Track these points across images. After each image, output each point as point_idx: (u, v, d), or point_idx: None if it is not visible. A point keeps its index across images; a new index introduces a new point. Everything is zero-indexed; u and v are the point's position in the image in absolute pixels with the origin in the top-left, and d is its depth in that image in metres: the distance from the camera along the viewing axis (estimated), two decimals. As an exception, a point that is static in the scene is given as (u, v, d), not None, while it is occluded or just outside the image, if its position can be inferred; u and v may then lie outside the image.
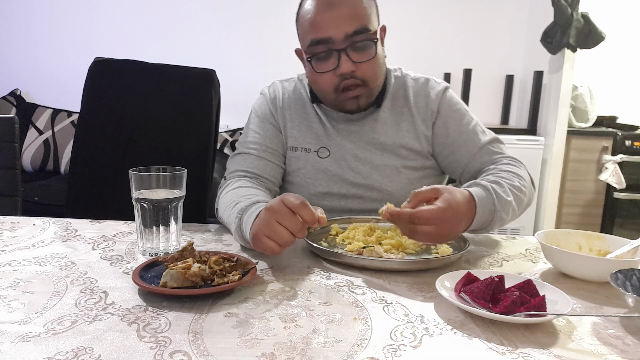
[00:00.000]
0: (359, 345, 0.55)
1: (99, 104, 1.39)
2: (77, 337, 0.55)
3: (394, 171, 1.10)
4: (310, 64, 1.03)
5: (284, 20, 3.49)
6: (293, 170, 1.13)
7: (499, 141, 1.11)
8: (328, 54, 1.00)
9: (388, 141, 1.10)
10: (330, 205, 1.11)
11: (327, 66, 1.01)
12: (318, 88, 1.07)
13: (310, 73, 1.06)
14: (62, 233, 0.95)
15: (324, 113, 1.13)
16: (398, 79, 1.15)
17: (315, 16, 0.99)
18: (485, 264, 0.85)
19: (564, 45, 2.85)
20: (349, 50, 0.99)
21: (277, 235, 0.74)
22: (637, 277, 0.67)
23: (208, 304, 0.65)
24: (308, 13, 1.00)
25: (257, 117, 1.15)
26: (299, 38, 1.06)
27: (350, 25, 0.98)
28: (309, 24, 1.00)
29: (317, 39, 0.99)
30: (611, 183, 2.93)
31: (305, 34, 1.02)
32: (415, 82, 1.15)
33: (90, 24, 3.27)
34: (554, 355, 0.54)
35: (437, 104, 1.11)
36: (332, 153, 1.11)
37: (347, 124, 1.12)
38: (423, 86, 1.13)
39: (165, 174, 0.83)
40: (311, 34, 1.00)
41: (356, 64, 1.00)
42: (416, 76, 1.16)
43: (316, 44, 1.00)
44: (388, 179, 1.10)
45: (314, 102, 1.13)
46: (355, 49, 1.00)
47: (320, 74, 1.02)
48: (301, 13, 1.03)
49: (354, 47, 0.99)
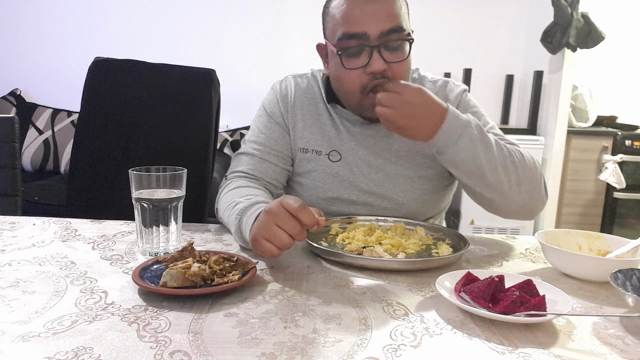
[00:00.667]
0: (359, 345, 0.55)
1: (98, 104, 1.39)
2: (77, 337, 0.55)
3: (407, 181, 1.06)
4: (340, 59, 0.96)
5: (284, 20, 3.51)
6: (304, 172, 1.10)
7: (516, 145, 1.08)
8: (360, 50, 0.94)
9: (403, 147, 1.06)
10: (338, 210, 1.08)
11: (357, 62, 0.95)
12: (343, 86, 1.00)
13: (336, 69, 0.99)
14: (62, 233, 0.95)
15: (338, 114, 1.09)
16: (415, 81, 1.11)
17: (350, 9, 0.93)
18: (485, 264, 0.85)
19: (564, 45, 2.85)
20: (382, 49, 0.93)
21: (276, 238, 0.74)
22: (637, 277, 0.67)
23: (208, 304, 0.65)
24: (342, 4, 0.94)
25: (266, 115, 1.11)
26: (325, 31, 1.01)
27: (386, 22, 0.93)
28: (342, 17, 0.94)
29: (351, 33, 0.93)
30: (611, 183, 2.93)
31: (336, 26, 0.96)
32: (434, 84, 1.11)
33: (90, 24, 3.27)
34: (554, 355, 0.54)
35: (456, 107, 1.07)
36: (344, 157, 1.07)
37: (363, 128, 1.07)
38: (441, 88, 1.10)
39: (165, 174, 0.83)
40: (344, 27, 0.94)
41: (388, 63, 0.94)
42: (434, 78, 1.13)
43: (348, 38, 0.94)
44: (400, 189, 1.06)
45: (329, 102, 1.09)
46: (388, 48, 0.95)
47: (349, 71, 0.96)
48: (333, 4, 0.97)
49: (387, 45, 0.94)
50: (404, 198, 1.06)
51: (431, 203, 1.10)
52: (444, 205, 1.17)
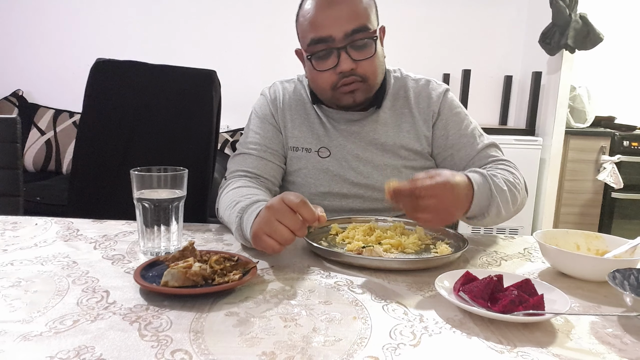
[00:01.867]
0: (359, 344, 0.55)
1: (100, 105, 1.40)
2: (78, 336, 0.55)
3: (395, 171, 1.10)
4: (311, 63, 1.03)
5: (285, 21, 3.49)
6: (294, 170, 1.14)
7: (496, 146, 1.11)
8: (328, 53, 1.01)
9: (389, 142, 1.11)
10: (331, 205, 1.11)
11: (326, 64, 1.02)
12: (317, 86, 1.08)
13: (309, 72, 1.07)
14: (63, 233, 0.95)
15: (325, 114, 1.14)
16: (398, 80, 1.16)
17: (315, 15, 1.00)
18: (484, 264, 0.86)
19: (562, 46, 2.86)
20: (349, 49, 1.00)
21: (277, 233, 0.74)
22: (634, 276, 0.68)
23: (209, 303, 0.65)
24: (308, 12, 1.01)
25: (258, 118, 1.16)
26: (298, 38, 1.07)
27: (350, 23, 0.99)
28: (309, 23, 1.01)
29: (317, 37, 1.00)
30: (609, 183, 2.94)
31: (305, 32, 1.03)
32: (416, 83, 1.15)
33: (91, 25, 3.27)
34: (553, 354, 0.55)
35: (439, 106, 1.11)
36: (333, 153, 1.12)
37: (348, 125, 1.12)
38: (424, 87, 1.14)
39: (166, 174, 0.84)
40: (311, 33, 1.01)
41: (356, 62, 1.01)
42: (416, 77, 1.17)
43: (316, 43, 1.01)
44: (389, 179, 1.09)
45: (314, 103, 1.14)
46: (355, 47, 1.01)
47: (320, 72, 1.03)
48: (301, 13, 1.04)
49: (353, 45, 1.00)
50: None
51: None
52: None
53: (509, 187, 0.95)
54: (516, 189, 0.98)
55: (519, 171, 1.06)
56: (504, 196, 0.93)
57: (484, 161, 1.07)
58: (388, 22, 1.27)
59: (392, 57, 1.30)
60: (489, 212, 0.91)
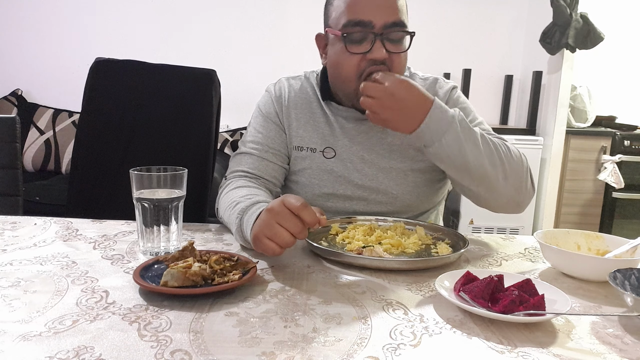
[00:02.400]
0: (359, 344, 0.55)
1: (100, 104, 1.40)
2: (78, 336, 0.55)
3: (401, 174, 1.09)
4: (344, 43, 0.98)
5: (285, 21, 3.51)
6: (299, 169, 1.12)
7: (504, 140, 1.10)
8: (363, 37, 0.97)
9: (396, 141, 1.09)
10: (334, 206, 1.10)
11: (359, 48, 0.97)
12: (342, 73, 1.02)
13: (336, 55, 1.01)
14: (63, 232, 0.95)
15: (332, 112, 1.11)
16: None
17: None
18: (484, 264, 0.86)
19: (563, 46, 2.85)
20: (385, 39, 0.97)
21: (277, 236, 0.74)
22: (635, 276, 0.67)
23: (208, 303, 0.65)
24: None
25: (261, 116, 1.13)
26: (328, 20, 1.03)
27: (391, 15, 0.96)
28: (348, 5, 0.97)
29: (356, 20, 0.96)
30: (610, 183, 2.94)
31: (342, 13, 0.98)
32: (424, 81, 1.14)
33: (91, 25, 3.27)
34: (553, 354, 0.55)
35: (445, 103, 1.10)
36: (338, 154, 1.10)
37: (356, 124, 1.09)
38: (432, 85, 1.13)
39: (166, 174, 0.83)
40: (350, 15, 0.97)
41: (389, 53, 0.97)
42: (425, 75, 1.16)
43: (354, 25, 0.97)
44: (394, 182, 1.08)
45: (324, 100, 1.11)
46: (390, 40, 0.98)
47: (349, 56, 0.98)
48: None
49: (389, 37, 0.98)
50: (397, 191, 1.09)
51: (425, 196, 1.12)
52: (438, 200, 1.18)
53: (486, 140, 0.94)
54: (501, 152, 0.95)
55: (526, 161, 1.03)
56: (471, 136, 0.91)
57: None
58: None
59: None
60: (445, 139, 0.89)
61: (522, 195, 1.00)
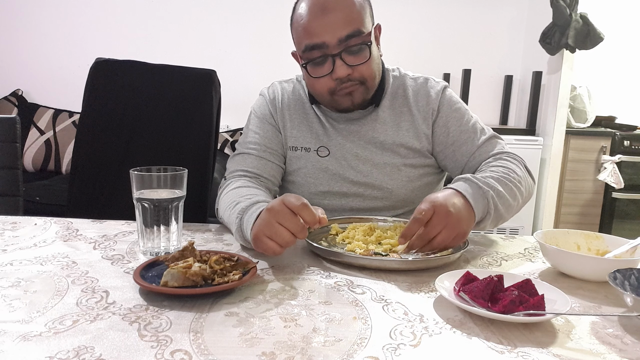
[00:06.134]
0: (359, 344, 0.55)
1: (100, 104, 1.40)
2: (78, 336, 0.55)
3: (394, 169, 1.11)
4: (306, 69, 1.03)
5: (284, 20, 3.50)
6: (294, 169, 1.14)
7: (498, 137, 1.12)
8: (323, 59, 1.00)
9: (388, 140, 1.11)
10: (331, 204, 1.12)
11: (322, 70, 1.01)
12: (314, 91, 1.07)
13: (306, 77, 1.06)
14: (63, 233, 0.95)
15: (323, 113, 1.14)
16: (397, 79, 1.15)
17: (308, 22, 0.99)
18: (484, 264, 0.86)
19: (563, 46, 2.85)
20: (344, 54, 0.99)
21: (278, 236, 0.74)
22: (635, 276, 0.67)
23: (209, 303, 0.65)
24: (301, 18, 1.00)
25: (257, 118, 1.16)
26: (294, 42, 1.07)
27: (343, 29, 0.97)
28: (302, 30, 1.00)
29: (312, 44, 0.99)
30: (609, 183, 2.94)
31: (299, 39, 1.02)
32: (415, 81, 1.15)
33: (91, 25, 3.27)
34: (553, 354, 0.55)
35: (438, 103, 1.11)
36: (332, 152, 1.12)
37: (347, 124, 1.12)
38: (422, 85, 1.14)
39: (166, 174, 0.83)
40: (305, 40, 1.00)
41: (351, 67, 1.00)
42: (415, 75, 1.17)
43: (311, 49, 1.00)
44: (388, 177, 1.10)
45: (313, 104, 1.14)
46: (349, 53, 0.99)
47: (317, 79, 1.02)
48: (295, 18, 1.03)
49: (348, 50, 0.99)
50: (392, 185, 1.11)
51: (419, 190, 1.13)
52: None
53: (501, 181, 0.95)
54: (513, 181, 0.97)
55: (521, 161, 1.06)
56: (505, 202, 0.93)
57: (484, 156, 1.08)
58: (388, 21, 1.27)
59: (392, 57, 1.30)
60: (490, 212, 0.90)
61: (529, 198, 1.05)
